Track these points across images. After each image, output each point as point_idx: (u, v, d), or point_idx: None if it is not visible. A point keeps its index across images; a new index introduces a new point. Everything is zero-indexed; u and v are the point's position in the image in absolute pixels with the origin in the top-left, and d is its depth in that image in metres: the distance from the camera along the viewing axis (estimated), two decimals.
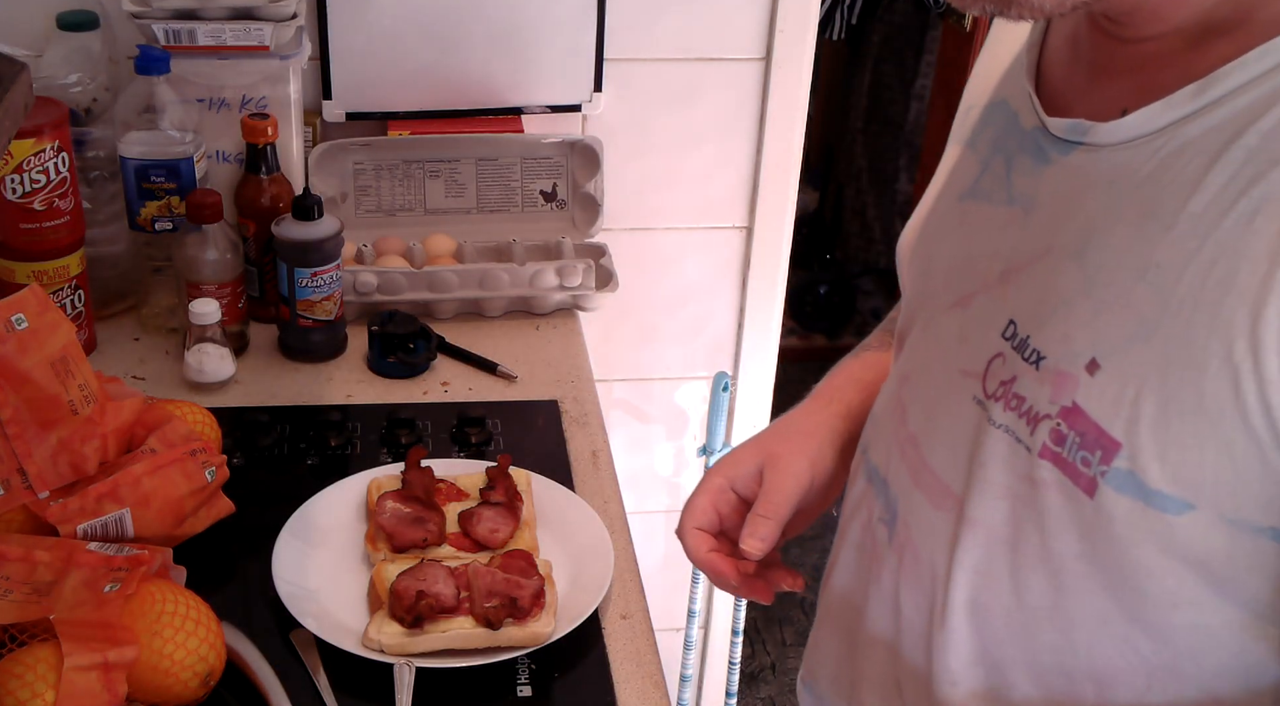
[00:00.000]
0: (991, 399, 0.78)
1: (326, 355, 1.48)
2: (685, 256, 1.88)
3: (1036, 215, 0.77)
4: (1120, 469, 0.70)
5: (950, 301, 0.84)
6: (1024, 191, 0.79)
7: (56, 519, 1.06)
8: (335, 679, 1.03)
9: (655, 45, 1.73)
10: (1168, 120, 0.70)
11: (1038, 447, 0.74)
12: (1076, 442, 0.72)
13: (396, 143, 1.66)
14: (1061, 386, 0.72)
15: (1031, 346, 0.75)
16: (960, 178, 0.87)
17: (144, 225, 1.47)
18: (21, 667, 0.90)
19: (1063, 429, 0.72)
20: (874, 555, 0.91)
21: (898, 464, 0.88)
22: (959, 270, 0.84)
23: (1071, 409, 0.72)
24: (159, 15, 1.43)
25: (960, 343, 0.82)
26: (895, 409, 0.90)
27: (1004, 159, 0.82)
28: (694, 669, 2.13)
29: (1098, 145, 0.74)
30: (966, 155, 0.88)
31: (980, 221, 0.83)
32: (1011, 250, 0.79)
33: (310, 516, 1.18)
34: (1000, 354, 0.78)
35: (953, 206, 0.87)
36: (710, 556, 0.98)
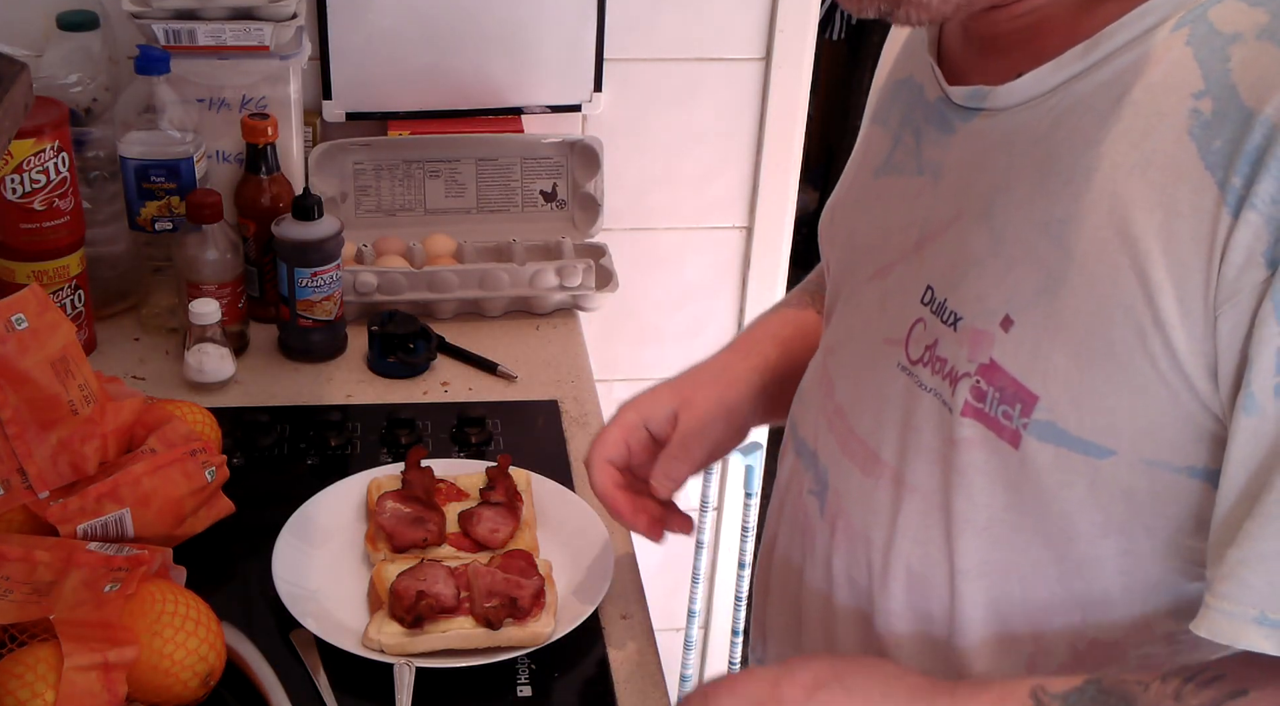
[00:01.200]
0: (917, 364, 0.80)
1: (326, 355, 1.48)
2: (685, 256, 1.88)
3: (945, 182, 0.80)
4: (1040, 420, 0.72)
5: (870, 273, 0.86)
6: (932, 160, 0.81)
7: (56, 519, 1.06)
8: (335, 679, 1.03)
9: (655, 45, 1.73)
10: (1059, 79, 0.72)
11: (959, 406, 0.76)
12: (997, 397, 0.74)
13: (396, 143, 1.66)
14: (979, 344, 0.75)
15: (949, 308, 0.77)
16: (874, 154, 0.89)
17: (144, 225, 1.47)
18: (21, 667, 0.90)
19: (982, 385, 0.74)
20: (806, 528, 0.93)
21: (825, 435, 0.90)
22: (877, 243, 0.86)
23: (989, 365, 0.74)
24: (159, 15, 1.43)
25: (881, 312, 0.84)
26: (822, 382, 0.92)
27: (913, 132, 0.84)
28: (694, 669, 2.13)
29: (996, 109, 0.76)
30: (878, 132, 0.90)
31: (895, 194, 0.85)
32: (924, 218, 0.81)
33: (310, 516, 1.18)
34: (921, 319, 0.80)
35: (868, 183, 0.89)
36: (613, 490, 1.01)
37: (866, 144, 0.92)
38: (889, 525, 0.84)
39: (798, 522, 0.94)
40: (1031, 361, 0.72)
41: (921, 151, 0.83)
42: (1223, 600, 0.67)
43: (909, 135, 0.85)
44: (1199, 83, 0.66)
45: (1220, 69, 0.66)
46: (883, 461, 0.83)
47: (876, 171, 0.88)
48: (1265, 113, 0.64)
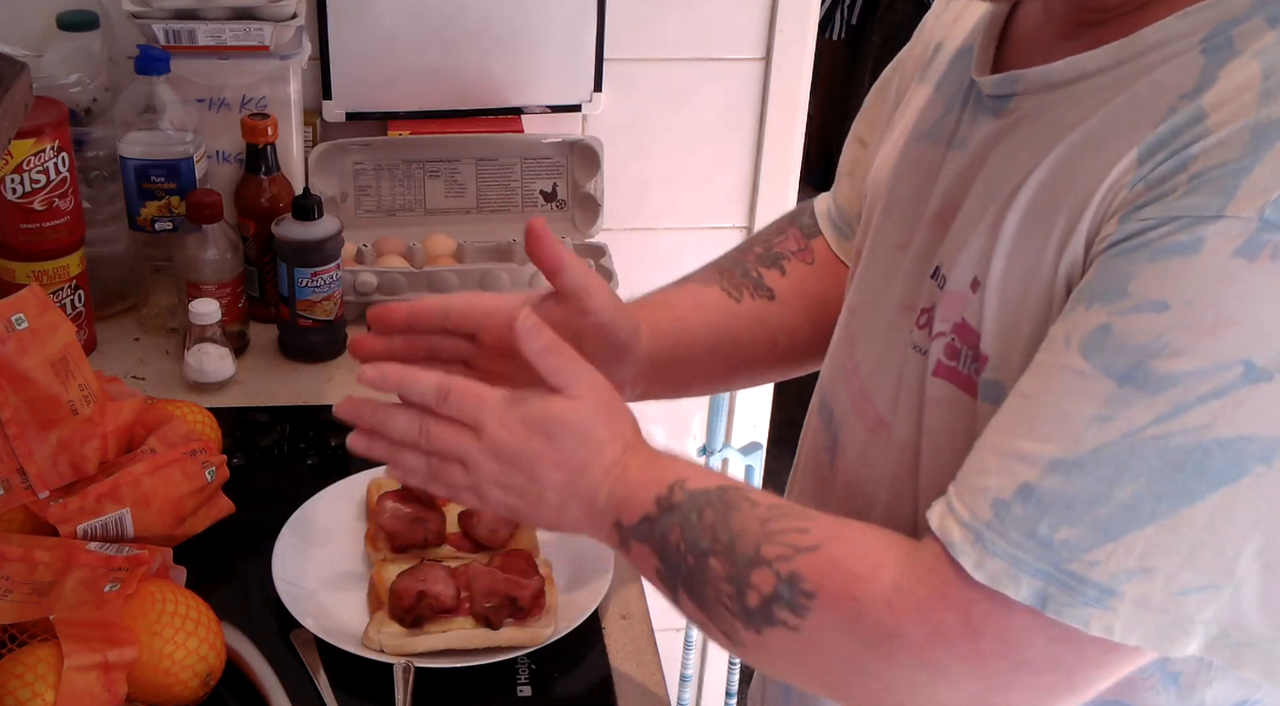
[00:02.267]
0: (923, 331, 0.81)
1: (326, 355, 1.48)
2: (685, 256, 1.86)
3: (966, 159, 0.81)
4: (989, 379, 0.74)
5: (898, 242, 0.87)
6: (964, 137, 0.82)
7: (56, 519, 1.06)
8: (335, 679, 1.03)
9: (655, 45, 1.73)
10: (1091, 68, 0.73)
11: (933, 364, 0.78)
12: (968, 355, 0.76)
13: (396, 143, 1.66)
14: (953, 305, 0.77)
15: (942, 273, 0.79)
16: (924, 118, 0.89)
17: (144, 225, 1.47)
18: (21, 667, 0.90)
19: (956, 343, 0.77)
20: (820, 481, 0.93)
21: (842, 393, 0.90)
22: (908, 211, 0.87)
23: (960, 324, 0.76)
24: (159, 15, 1.43)
25: (900, 277, 0.85)
26: (844, 340, 0.93)
27: (959, 106, 0.84)
28: (694, 669, 2.13)
29: (1028, 93, 0.77)
30: (929, 96, 0.90)
31: (926, 162, 0.86)
32: (944, 192, 0.82)
33: (310, 516, 1.18)
34: (926, 288, 0.82)
35: (912, 147, 0.89)
36: None
37: (916, 106, 0.92)
38: (880, 481, 0.85)
39: (810, 476, 0.95)
40: (987, 320, 0.74)
41: (961, 127, 0.83)
42: None
43: (957, 108, 0.85)
44: (1188, 85, 0.67)
45: (1210, 76, 0.66)
46: (883, 419, 0.85)
47: (920, 136, 0.88)
48: (1206, 109, 0.65)
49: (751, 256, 1.08)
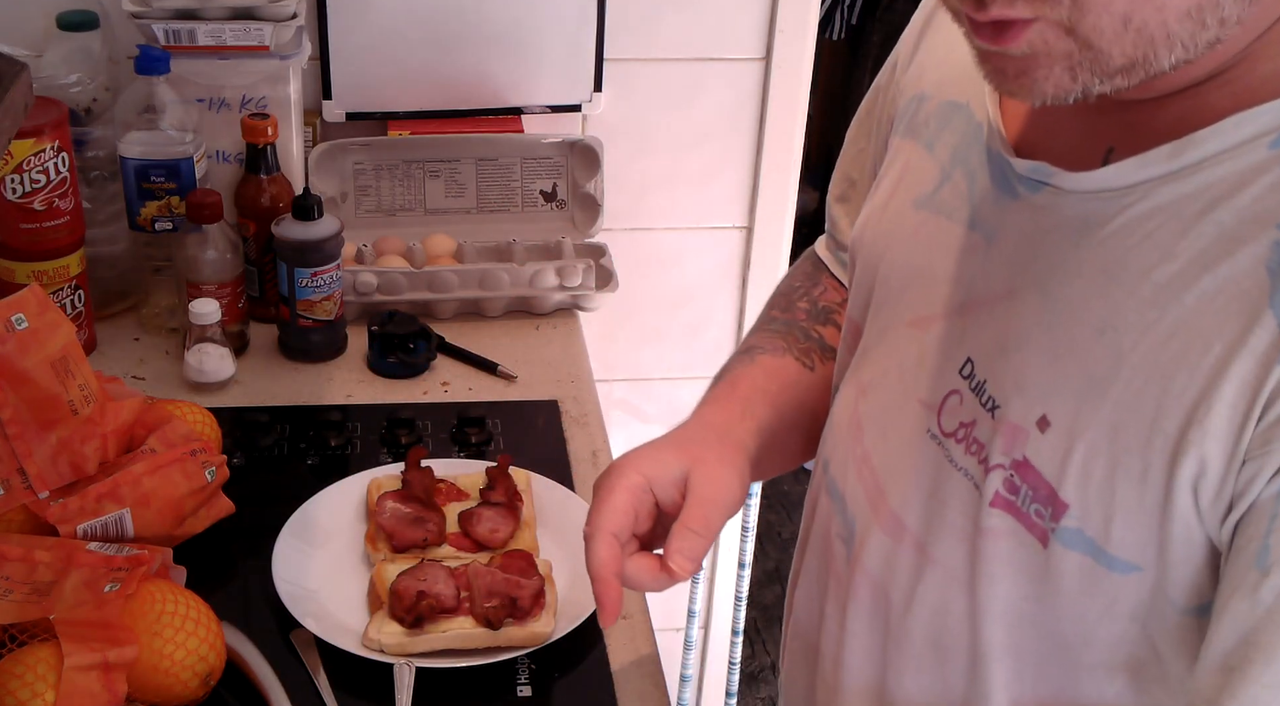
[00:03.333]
0: (950, 438, 0.77)
1: (326, 355, 1.48)
2: (685, 256, 1.88)
3: (999, 249, 0.75)
4: (1069, 527, 0.69)
5: (908, 318, 0.82)
6: (987, 219, 0.77)
7: (56, 519, 1.06)
8: (335, 679, 1.03)
9: (655, 45, 1.73)
10: (1140, 178, 0.68)
11: (990, 495, 0.73)
12: (1030, 495, 0.71)
13: (396, 143, 1.66)
14: (1014, 439, 0.72)
15: (988, 392, 0.74)
16: (917, 180, 0.84)
17: (144, 225, 1.47)
18: (21, 667, 0.90)
19: (1016, 480, 0.72)
20: (832, 570, 0.89)
21: (854, 484, 0.86)
22: (916, 286, 0.82)
23: (1023, 463, 0.71)
24: (159, 15, 1.43)
25: (918, 368, 0.80)
26: (852, 423, 0.87)
27: (967, 175, 0.79)
28: (694, 669, 2.13)
29: (1065, 189, 0.71)
30: (922, 156, 0.84)
31: (939, 237, 0.80)
32: (972, 280, 0.77)
33: (310, 516, 1.18)
34: (957, 391, 0.77)
35: (907, 211, 0.84)
36: (611, 577, 0.85)
37: (905, 164, 0.86)
38: (909, 590, 0.81)
39: (824, 564, 0.91)
40: (1064, 467, 0.69)
41: (975, 203, 0.78)
42: None
43: (962, 177, 0.80)
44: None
45: None
46: (906, 526, 0.80)
47: (918, 202, 0.83)
48: None
49: (802, 315, 1.03)
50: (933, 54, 0.89)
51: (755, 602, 2.80)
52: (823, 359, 1.00)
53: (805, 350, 1.01)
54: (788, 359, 1.00)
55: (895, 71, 0.94)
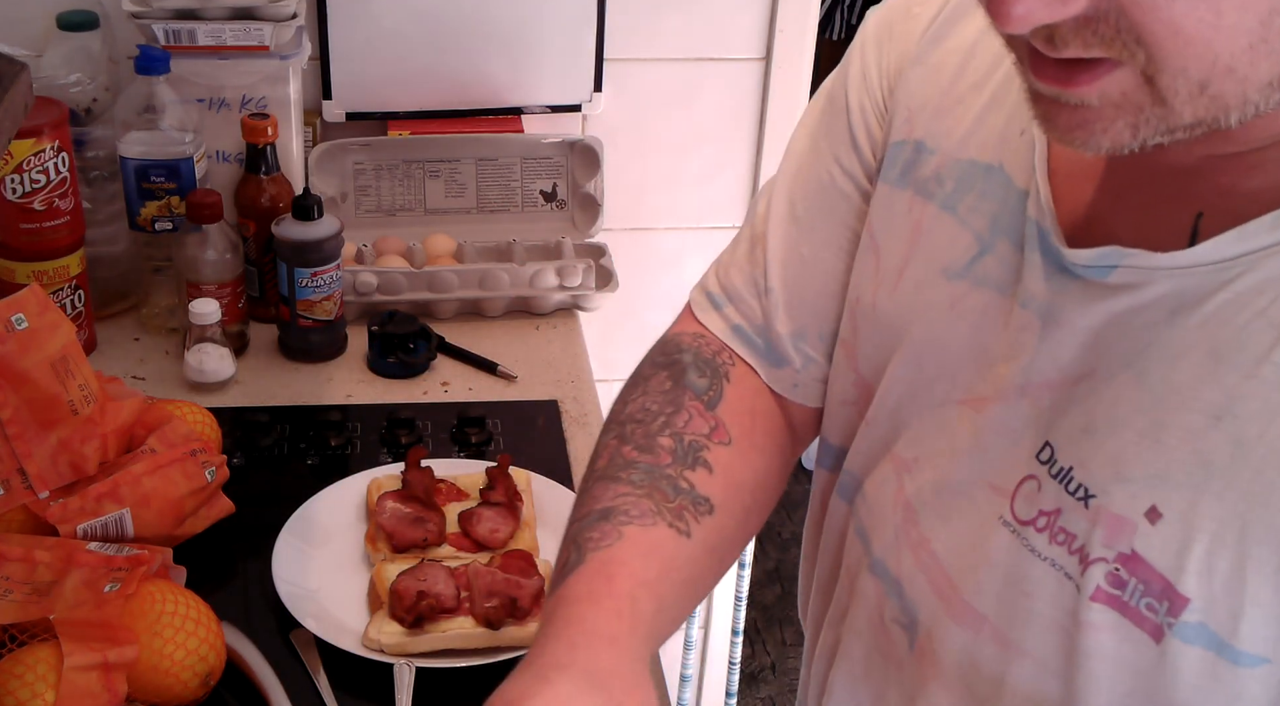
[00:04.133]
0: (1028, 526, 0.71)
1: (326, 355, 1.48)
2: (685, 256, 1.88)
3: (1066, 329, 0.69)
4: (1191, 621, 0.65)
5: (955, 396, 0.76)
6: (1041, 297, 0.70)
7: (56, 519, 1.06)
8: (335, 679, 1.03)
9: (655, 45, 1.73)
10: (1241, 251, 0.62)
11: (1090, 589, 0.68)
12: (1139, 589, 0.66)
13: (396, 143, 1.66)
14: (1118, 531, 0.66)
15: (1077, 480, 0.68)
16: (941, 247, 0.77)
17: (144, 225, 1.47)
18: (21, 667, 0.90)
19: (1122, 574, 0.66)
20: (889, 656, 0.83)
21: (912, 568, 0.80)
22: (967, 363, 0.76)
23: (1131, 556, 0.66)
24: (159, 15, 1.43)
25: (977, 450, 0.75)
26: (897, 502, 0.81)
27: (1015, 248, 0.73)
28: (694, 669, 2.13)
29: (1146, 267, 0.65)
30: (943, 221, 0.77)
31: (983, 312, 0.75)
32: (1033, 361, 0.71)
33: (310, 516, 1.18)
34: (1033, 477, 0.71)
35: (937, 281, 0.77)
36: None
37: (914, 224, 0.80)
38: (996, 680, 0.75)
39: (879, 649, 0.85)
40: (1182, 560, 0.64)
41: (1025, 280, 0.71)
42: None
43: (1008, 249, 0.73)
44: None
45: None
46: (985, 617, 0.75)
47: (951, 273, 0.76)
48: None
49: (666, 457, 0.86)
50: (923, 97, 0.81)
51: (755, 602, 2.80)
52: (697, 517, 0.84)
53: (677, 511, 0.84)
54: (659, 528, 0.82)
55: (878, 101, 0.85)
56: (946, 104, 0.79)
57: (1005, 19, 0.54)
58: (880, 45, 0.85)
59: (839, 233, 0.87)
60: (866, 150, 0.85)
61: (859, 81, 0.85)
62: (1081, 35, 0.55)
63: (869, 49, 0.85)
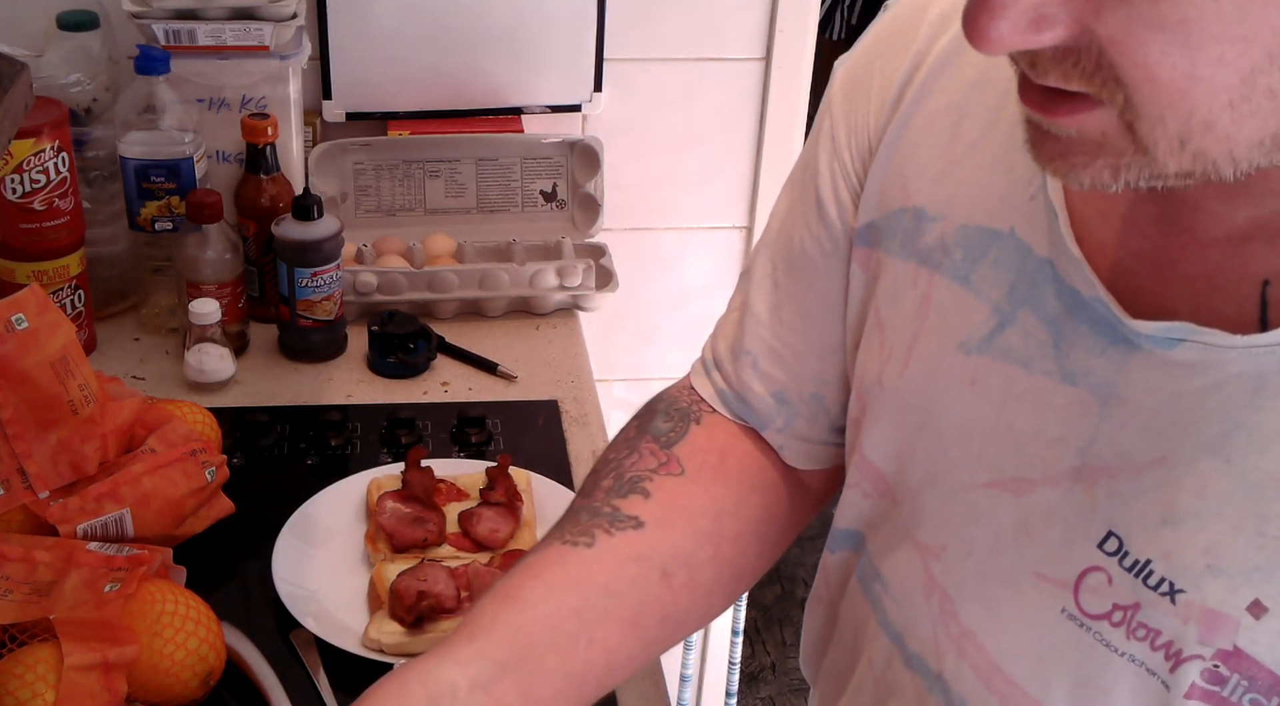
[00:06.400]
0: (1101, 620, 0.67)
1: (326, 355, 1.48)
2: (685, 256, 1.88)
3: (1126, 409, 0.65)
4: None
5: (984, 479, 0.72)
6: (1092, 372, 0.66)
7: (56, 519, 1.06)
8: (335, 679, 1.03)
9: (655, 45, 1.73)
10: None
11: (1184, 687, 0.64)
12: (1243, 686, 0.62)
13: (396, 143, 1.66)
14: (1215, 627, 0.63)
15: (1158, 574, 0.64)
16: (953, 321, 0.73)
17: (144, 225, 1.47)
18: (21, 667, 0.90)
19: (1222, 671, 0.63)
20: None
21: (956, 662, 0.75)
22: (988, 443, 0.72)
23: (1233, 653, 0.62)
24: (159, 15, 1.43)
25: (1024, 536, 0.70)
26: (930, 593, 0.76)
27: (1043, 321, 0.68)
28: (694, 669, 2.13)
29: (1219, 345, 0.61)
30: (953, 292, 0.73)
31: (1013, 389, 0.70)
32: (1089, 443, 0.67)
33: (310, 516, 1.18)
34: (1099, 568, 0.67)
35: (952, 357, 0.73)
36: None
37: (922, 296, 0.75)
38: None
39: None
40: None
41: (1066, 354, 0.67)
42: None
43: (1035, 322, 0.69)
44: None
45: None
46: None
47: (968, 348, 0.72)
48: None
49: (600, 494, 0.85)
50: (919, 162, 0.76)
51: (755, 602, 2.80)
52: (609, 531, 0.82)
53: (582, 530, 0.83)
54: (550, 548, 0.83)
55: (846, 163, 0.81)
56: (945, 167, 0.75)
57: (980, 40, 0.52)
58: (849, 103, 0.81)
59: (815, 297, 0.84)
60: (834, 215, 0.81)
61: (828, 144, 0.82)
62: (1061, 66, 0.53)
63: (836, 108, 0.83)
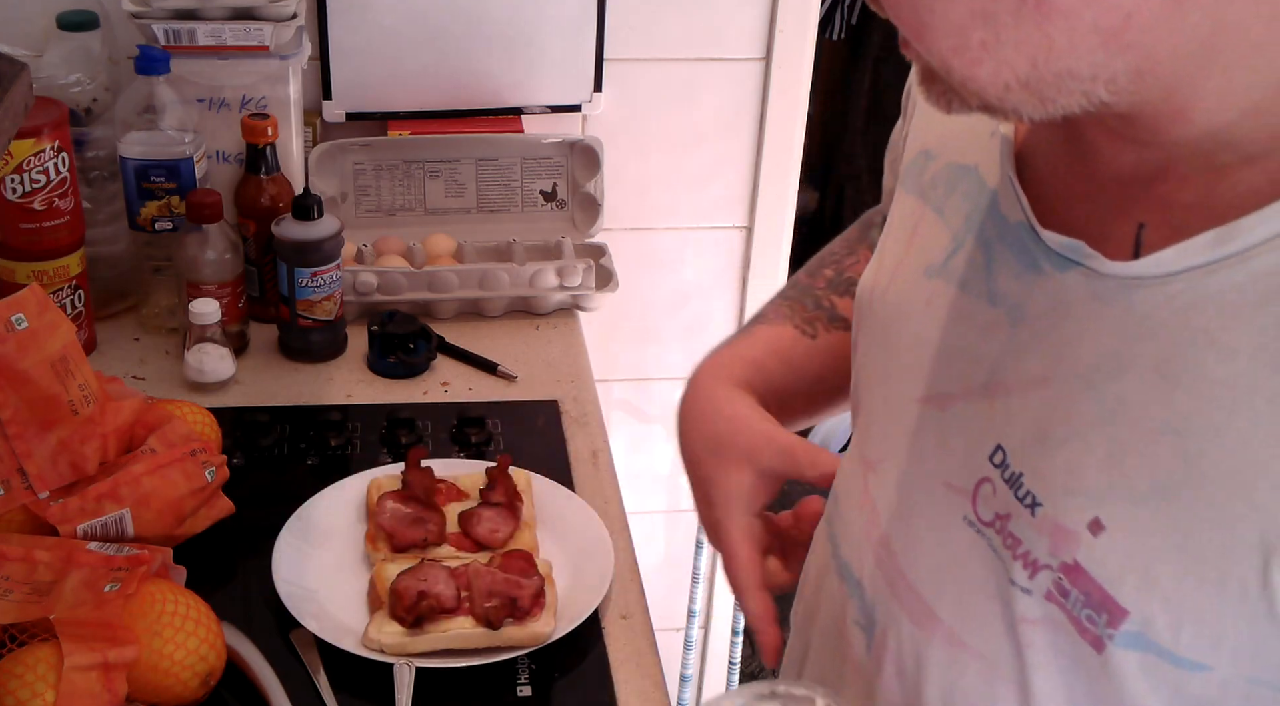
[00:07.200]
0: (989, 528, 0.72)
1: (326, 355, 1.48)
2: (685, 256, 1.88)
3: (1027, 330, 0.70)
4: (1130, 631, 0.65)
5: (920, 393, 0.78)
6: (1009, 295, 0.72)
7: (56, 519, 1.06)
8: (335, 679, 1.03)
9: (655, 45, 1.73)
10: (1181, 267, 0.63)
11: (1040, 593, 0.69)
12: (1080, 600, 0.67)
13: (396, 143, 1.66)
14: (1061, 541, 0.67)
15: (1025, 487, 0.69)
16: (926, 246, 0.79)
17: (144, 225, 1.47)
18: (21, 667, 0.90)
19: (1065, 584, 0.67)
20: (848, 657, 0.85)
21: (873, 570, 0.81)
22: (929, 359, 0.78)
23: (1073, 567, 0.67)
24: (159, 15, 1.43)
25: (940, 449, 0.76)
26: (862, 501, 0.83)
27: (982, 247, 0.74)
28: (694, 669, 2.13)
29: (1100, 272, 0.66)
30: (931, 220, 0.79)
31: (953, 310, 0.76)
32: (996, 361, 0.72)
33: (310, 516, 1.18)
34: (988, 480, 0.72)
35: (918, 279, 0.79)
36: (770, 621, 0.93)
37: (915, 228, 0.82)
38: (947, 688, 0.76)
39: (839, 651, 0.86)
40: (1123, 573, 0.64)
41: (995, 277, 0.73)
42: None
43: (976, 247, 0.74)
44: None
45: None
46: (939, 619, 0.76)
47: (929, 271, 0.78)
48: None
49: (822, 282, 1.02)
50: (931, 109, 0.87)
51: None
52: (828, 327, 1.00)
53: (809, 318, 1.00)
54: (785, 328, 1.00)
55: (903, 118, 0.91)
56: None
57: None
58: None
59: None
60: None
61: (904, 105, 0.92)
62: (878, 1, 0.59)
63: None
